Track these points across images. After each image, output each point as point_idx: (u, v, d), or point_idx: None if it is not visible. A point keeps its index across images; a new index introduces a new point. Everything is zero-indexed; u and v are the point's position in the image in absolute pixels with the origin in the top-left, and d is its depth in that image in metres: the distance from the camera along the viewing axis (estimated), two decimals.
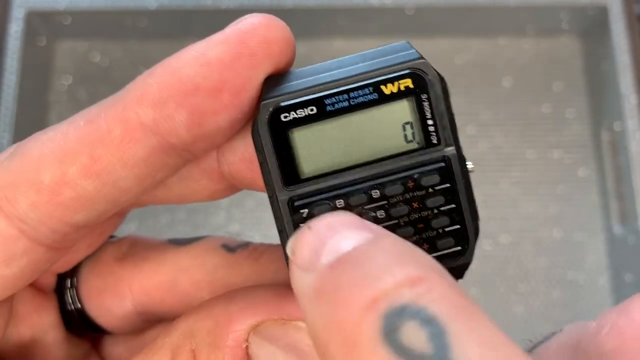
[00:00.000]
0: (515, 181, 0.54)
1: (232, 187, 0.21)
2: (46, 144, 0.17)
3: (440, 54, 0.57)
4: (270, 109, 0.17)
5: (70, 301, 0.23)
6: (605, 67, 0.55)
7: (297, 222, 0.18)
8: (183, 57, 0.17)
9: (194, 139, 0.17)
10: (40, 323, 0.23)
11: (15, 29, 0.53)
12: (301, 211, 0.18)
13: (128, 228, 0.52)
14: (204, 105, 0.17)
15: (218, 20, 0.55)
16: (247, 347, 0.17)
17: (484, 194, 0.54)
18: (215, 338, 0.18)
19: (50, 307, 0.23)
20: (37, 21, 0.54)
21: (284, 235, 0.18)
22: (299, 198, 0.18)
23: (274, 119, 0.17)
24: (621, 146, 0.52)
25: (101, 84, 0.56)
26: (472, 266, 0.19)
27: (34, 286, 0.23)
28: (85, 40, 0.57)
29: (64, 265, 0.23)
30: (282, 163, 0.18)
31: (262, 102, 0.17)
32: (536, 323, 0.50)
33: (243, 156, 0.19)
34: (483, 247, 0.52)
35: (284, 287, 0.19)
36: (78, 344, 0.24)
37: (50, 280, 0.23)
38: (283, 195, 0.18)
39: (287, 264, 0.17)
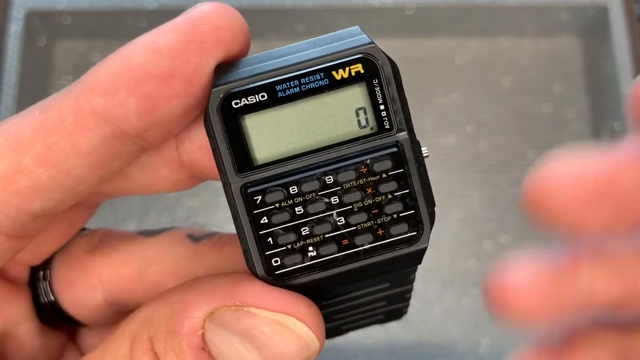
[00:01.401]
0: (515, 181, 0.54)
1: (194, 176, 0.21)
2: (1, 134, 0.18)
3: (441, 53, 0.57)
4: (221, 96, 0.17)
5: (44, 294, 0.23)
6: (605, 67, 0.55)
7: (251, 209, 0.18)
8: (134, 46, 0.17)
9: (147, 126, 0.17)
10: (12, 315, 0.23)
11: (15, 29, 0.53)
12: (254, 198, 0.18)
13: (128, 227, 0.52)
14: (155, 92, 0.17)
15: None
16: (203, 334, 0.18)
17: (483, 194, 0.54)
18: (172, 325, 0.18)
19: (22, 300, 0.23)
20: (36, 21, 0.54)
21: (239, 223, 0.18)
22: (252, 185, 0.18)
23: (225, 106, 0.17)
24: None
25: None
26: (472, 266, 0.19)
27: (6, 279, 0.23)
28: (85, 40, 0.57)
29: (36, 257, 0.23)
30: (234, 150, 0.18)
31: (213, 89, 0.17)
32: None
33: (201, 144, 0.19)
34: (483, 247, 0.52)
35: (239, 275, 0.19)
36: (54, 335, 0.25)
37: (22, 273, 0.23)
38: (236, 183, 0.18)
39: (243, 254, 0.18)
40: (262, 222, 0.18)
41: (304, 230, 0.18)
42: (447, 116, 0.56)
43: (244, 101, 0.17)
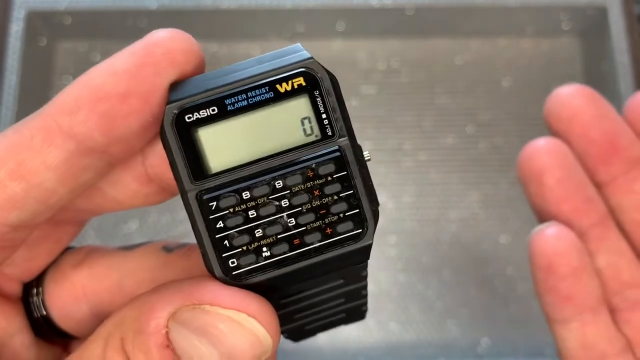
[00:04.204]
0: (515, 181, 0.54)
1: (163, 190, 0.22)
2: None
3: (440, 54, 0.57)
4: (175, 111, 0.19)
5: (36, 309, 0.25)
6: (604, 68, 0.55)
7: (207, 214, 0.19)
8: (95, 70, 0.19)
9: (109, 142, 0.19)
10: (7, 328, 0.24)
11: (16, 29, 0.53)
12: (209, 204, 0.19)
13: (128, 227, 0.52)
14: (114, 111, 0.19)
15: (218, 20, 0.55)
16: (167, 333, 0.19)
17: (484, 194, 0.54)
18: (139, 325, 0.19)
19: (16, 314, 0.25)
20: (37, 21, 0.54)
21: (197, 228, 0.19)
22: (206, 192, 0.19)
23: (178, 120, 0.19)
24: None
25: None
26: (472, 266, 0.19)
27: (0, 294, 0.24)
28: (86, 40, 0.57)
29: (26, 273, 0.25)
30: (189, 160, 0.19)
31: (167, 105, 0.19)
32: (536, 323, 0.50)
33: (165, 158, 0.20)
34: (483, 247, 0.52)
35: (200, 278, 0.20)
36: (48, 348, 0.26)
37: (15, 289, 0.25)
38: (192, 191, 0.19)
39: (202, 257, 0.19)
40: (217, 226, 0.19)
41: (257, 232, 0.19)
42: (447, 116, 0.56)
43: (196, 115, 0.19)
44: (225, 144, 0.19)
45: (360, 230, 0.20)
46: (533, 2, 0.55)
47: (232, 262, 0.19)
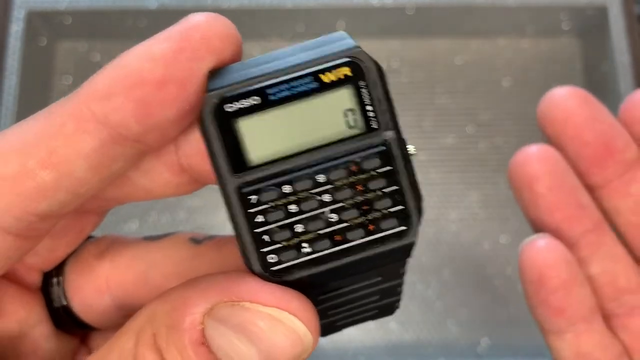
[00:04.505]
0: None
1: (195, 181, 0.21)
2: (9, 138, 0.19)
3: (440, 54, 0.57)
4: (215, 100, 0.18)
5: (57, 299, 0.24)
6: (604, 68, 0.55)
7: (247, 208, 0.18)
8: (130, 54, 0.18)
9: (144, 130, 0.18)
10: (27, 318, 0.24)
11: (16, 29, 0.53)
12: (249, 197, 0.18)
13: (129, 227, 0.52)
14: (150, 98, 0.18)
15: None
16: (202, 329, 0.18)
17: (484, 194, 0.54)
18: (173, 321, 0.18)
19: (36, 304, 0.24)
20: (37, 21, 0.54)
21: (235, 222, 0.19)
22: (246, 185, 0.18)
23: (218, 110, 0.18)
24: None
25: None
26: (472, 266, 0.19)
27: (20, 284, 0.24)
28: (86, 40, 0.57)
29: (47, 263, 0.24)
30: (229, 152, 0.18)
31: (207, 94, 0.18)
32: (536, 324, 0.50)
33: (199, 149, 0.20)
34: (483, 247, 0.52)
35: (237, 273, 0.19)
36: (67, 339, 0.25)
37: (35, 279, 0.24)
38: (231, 184, 0.18)
39: (240, 252, 0.19)
40: (257, 220, 0.19)
41: (298, 227, 0.19)
42: (447, 116, 0.56)
43: (236, 105, 0.18)
44: (266, 136, 0.18)
45: (405, 227, 0.19)
46: (533, 2, 0.55)
47: (272, 258, 0.19)
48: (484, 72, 0.57)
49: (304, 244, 0.19)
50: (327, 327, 0.25)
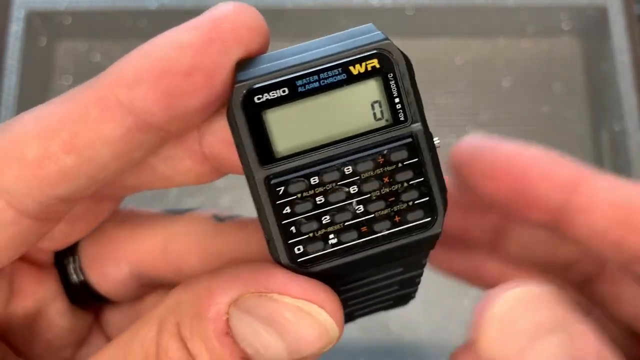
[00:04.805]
0: None
1: (216, 170, 0.21)
2: (31, 122, 0.18)
3: (440, 54, 0.57)
4: (244, 91, 0.18)
5: (74, 273, 0.24)
6: (604, 68, 0.55)
7: (274, 200, 0.19)
8: (157, 42, 0.18)
9: (169, 118, 0.18)
10: (43, 296, 0.24)
11: (16, 29, 0.53)
12: (277, 189, 0.18)
13: None
14: (177, 87, 0.18)
15: None
16: (227, 320, 0.18)
17: None
18: (198, 310, 0.18)
19: (50, 281, 0.24)
20: (37, 21, 0.54)
21: (263, 213, 0.19)
22: (274, 176, 0.18)
23: (247, 101, 0.18)
24: (621, 146, 0.52)
25: None
26: None
27: (33, 263, 0.24)
28: (86, 40, 0.57)
29: (60, 244, 0.24)
30: (257, 143, 0.18)
31: (236, 85, 0.18)
32: None
33: (222, 138, 0.20)
34: None
35: (262, 263, 0.19)
36: (81, 315, 0.26)
37: (48, 257, 0.24)
38: (259, 175, 0.18)
39: (267, 243, 0.19)
40: (284, 212, 0.19)
41: (325, 218, 0.19)
42: (447, 116, 0.56)
43: (265, 96, 0.18)
44: (294, 127, 0.18)
45: (430, 219, 0.19)
46: (533, 2, 0.55)
47: (299, 249, 0.19)
48: (484, 72, 0.57)
49: (330, 235, 0.19)
50: (345, 317, 0.25)
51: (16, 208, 0.19)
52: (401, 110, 0.19)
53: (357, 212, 0.19)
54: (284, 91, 0.18)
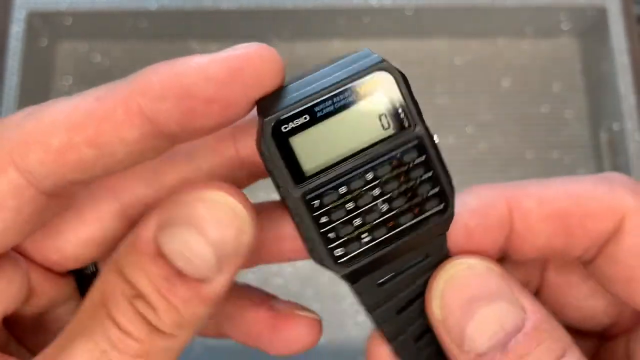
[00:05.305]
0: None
1: (254, 174, 0.24)
2: (59, 112, 0.20)
3: (440, 54, 0.57)
4: (273, 124, 0.21)
5: (90, 266, 0.26)
6: (604, 68, 0.55)
7: (312, 212, 0.22)
8: (186, 66, 0.20)
9: (182, 132, 0.21)
10: (56, 296, 0.25)
11: (17, 29, 0.53)
12: (312, 203, 0.21)
13: None
14: (197, 110, 0.20)
15: (218, 21, 0.55)
16: (158, 242, 0.20)
17: None
18: (131, 244, 0.20)
19: (65, 282, 0.25)
20: (38, 22, 0.54)
21: (303, 226, 0.22)
22: (309, 192, 0.21)
23: (276, 132, 0.21)
24: (620, 146, 0.53)
25: (102, 84, 0.56)
26: None
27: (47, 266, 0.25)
28: (86, 41, 0.57)
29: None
30: (289, 166, 0.21)
31: (265, 119, 0.21)
32: None
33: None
34: None
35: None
36: None
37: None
38: (297, 193, 0.21)
39: (309, 252, 0.22)
40: (322, 221, 0.22)
41: (356, 221, 0.22)
42: (446, 117, 0.56)
43: (290, 125, 0.21)
44: (316, 147, 0.21)
45: (444, 204, 0.22)
46: (533, 2, 0.55)
47: (338, 252, 0.22)
48: (483, 73, 0.57)
49: (363, 235, 0.22)
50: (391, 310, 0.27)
51: (36, 187, 0.21)
52: (404, 119, 0.22)
53: (383, 210, 0.22)
54: (305, 118, 0.21)
